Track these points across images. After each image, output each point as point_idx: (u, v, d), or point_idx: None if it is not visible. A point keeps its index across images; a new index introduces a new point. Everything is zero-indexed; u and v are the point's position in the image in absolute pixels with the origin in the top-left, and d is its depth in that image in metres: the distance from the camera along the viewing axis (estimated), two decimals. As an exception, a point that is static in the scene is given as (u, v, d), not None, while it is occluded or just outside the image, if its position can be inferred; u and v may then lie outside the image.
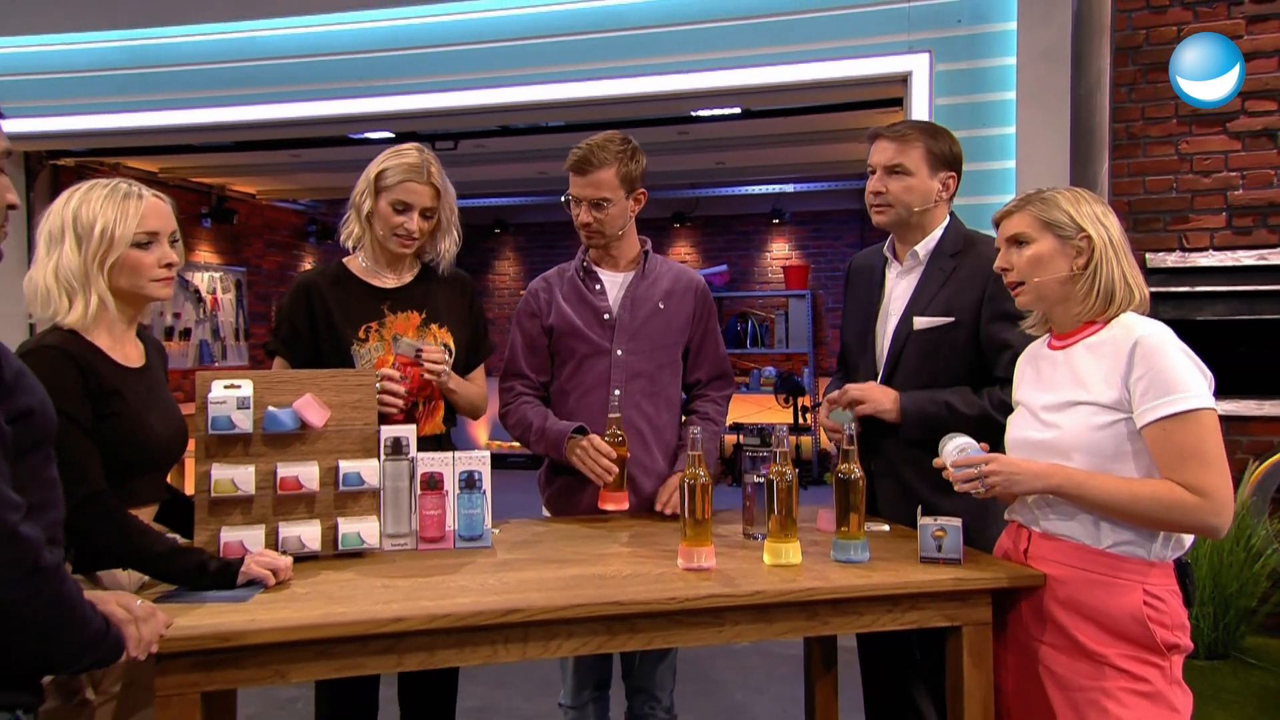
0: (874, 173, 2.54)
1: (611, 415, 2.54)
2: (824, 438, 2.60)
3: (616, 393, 2.58)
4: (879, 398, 2.44)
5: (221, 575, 1.92)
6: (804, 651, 2.73)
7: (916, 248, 2.56)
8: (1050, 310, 2.06)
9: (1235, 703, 4.08)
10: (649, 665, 2.75)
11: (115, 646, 1.49)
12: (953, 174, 2.54)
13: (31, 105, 6.50)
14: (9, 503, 1.29)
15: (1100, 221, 1.98)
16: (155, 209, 2.05)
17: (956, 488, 2.01)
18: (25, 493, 1.34)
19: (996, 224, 2.12)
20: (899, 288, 2.59)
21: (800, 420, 9.72)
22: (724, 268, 10.70)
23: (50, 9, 6.48)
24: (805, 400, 9.90)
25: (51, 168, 7.10)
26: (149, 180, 3.99)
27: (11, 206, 1.48)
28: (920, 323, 2.48)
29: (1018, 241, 2.04)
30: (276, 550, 2.13)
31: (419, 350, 2.45)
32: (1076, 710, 1.90)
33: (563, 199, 2.73)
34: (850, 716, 2.76)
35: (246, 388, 2.13)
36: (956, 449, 2.04)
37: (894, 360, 2.53)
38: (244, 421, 2.13)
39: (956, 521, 2.07)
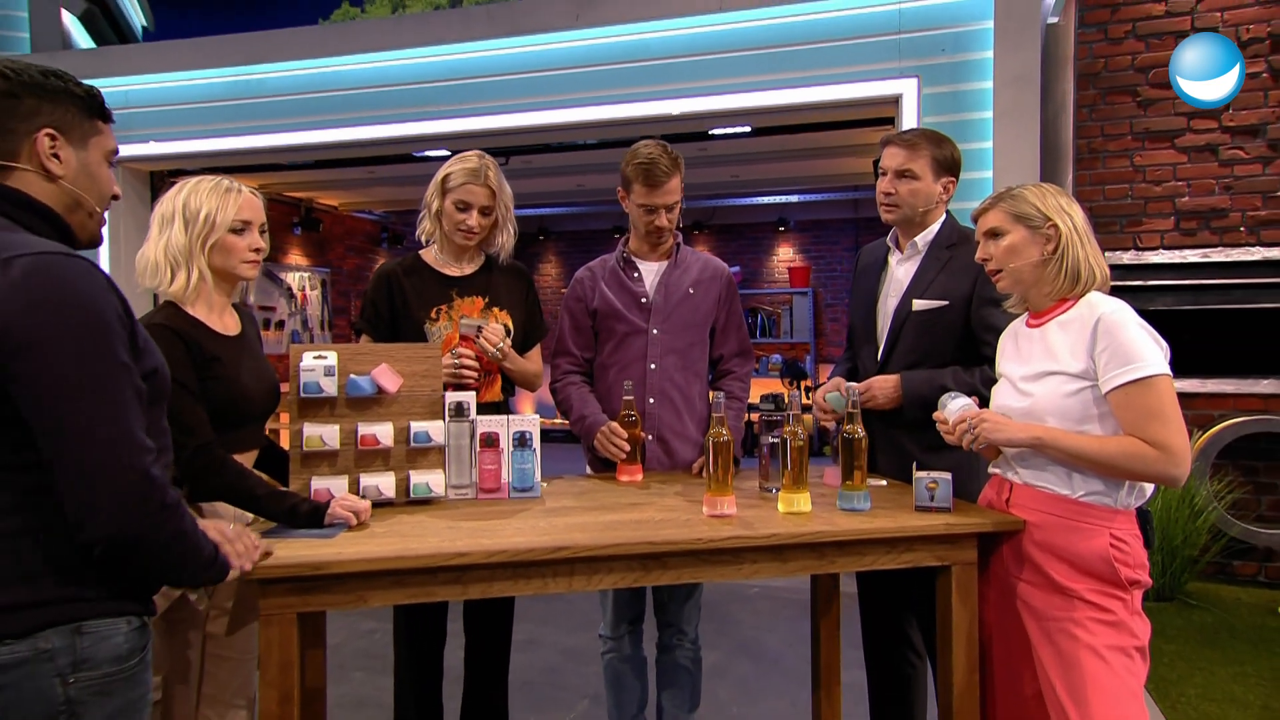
0: (885, 175, 2.51)
1: (626, 398, 2.52)
2: (820, 417, 2.57)
3: (628, 384, 2.56)
4: (884, 390, 2.41)
5: (311, 516, 1.92)
6: (810, 594, 2.70)
7: (916, 239, 2.52)
8: (1026, 292, 2.03)
9: (1179, 637, 4.13)
10: (677, 603, 2.74)
11: (222, 568, 1.50)
12: (953, 179, 2.50)
13: (156, 132, 6.67)
14: (144, 447, 1.32)
15: (1065, 211, 1.96)
16: (249, 203, 2.08)
17: (952, 441, 2.00)
18: (150, 440, 1.36)
19: (975, 220, 2.10)
20: (899, 273, 2.56)
21: (803, 400, 9.69)
22: (737, 269, 10.67)
23: (169, 53, 6.62)
24: (807, 382, 9.88)
25: (169, 185, 7.19)
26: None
27: (115, 197, 1.53)
28: (918, 305, 2.45)
29: (994, 234, 2.02)
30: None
31: (479, 328, 2.45)
32: (1049, 638, 1.88)
33: (639, 206, 2.65)
34: (848, 652, 2.73)
35: (332, 358, 2.14)
36: (959, 408, 2.02)
37: (894, 336, 2.50)
38: (330, 387, 2.13)
39: (947, 475, 2.05)
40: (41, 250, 1.31)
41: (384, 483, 2.15)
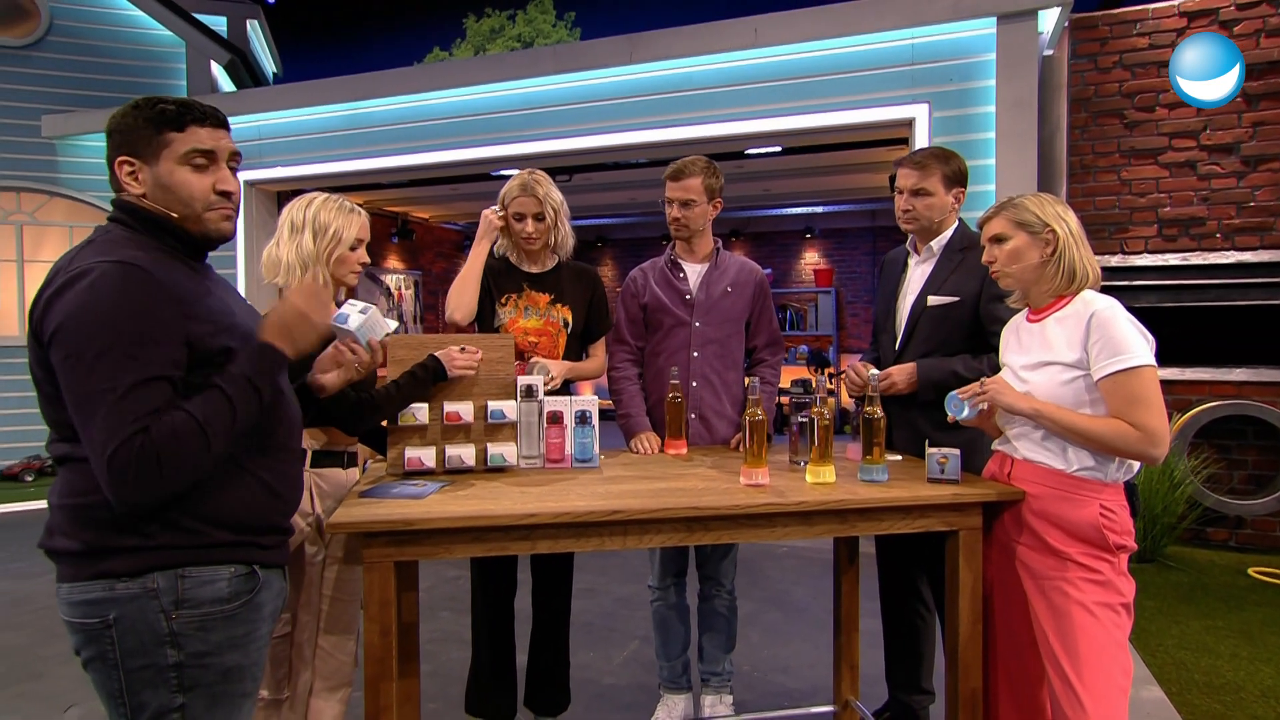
0: (901, 193, 2.44)
1: (673, 382, 2.48)
2: (844, 395, 2.51)
3: (675, 369, 2.51)
4: (903, 377, 2.35)
5: (437, 371, 2.11)
6: (833, 554, 2.64)
7: (932, 243, 2.45)
8: (1027, 290, 1.94)
9: (1159, 594, 4.06)
10: (715, 559, 2.72)
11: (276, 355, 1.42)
12: (962, 189, 2.43)
13: (283, 158, 6.83)
14: (132, 419, 1.24)
15: (1061, 218, 1.87)
16: (365, 225, 2.09)
17: (962, 399, 1.96)
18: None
19: (980, 226, 2.02)
20: (917, 273, 2.49)
21: (827, 385, 9.57)
22: (769, 270, 10.56)
23: (293, 94, 6.81)
24: (830, 369, 9.76)
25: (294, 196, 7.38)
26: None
27: (224, 194, 1.43)
28: (933, 301, 2.38)
29: (998, 239, 1.93)
30: (443, 466, 2.14)
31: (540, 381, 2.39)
32: (1045, 595, 1.82)
33: (660, 202, 2.69)
34: (865, 603, 2.67)
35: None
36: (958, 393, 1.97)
37: (910, 328, 2.43)
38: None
39: (956, 451, 1.98)
40: (96, 260, 1.28)
41: (465, 453, 2.15)
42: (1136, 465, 1.83)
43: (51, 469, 7.19)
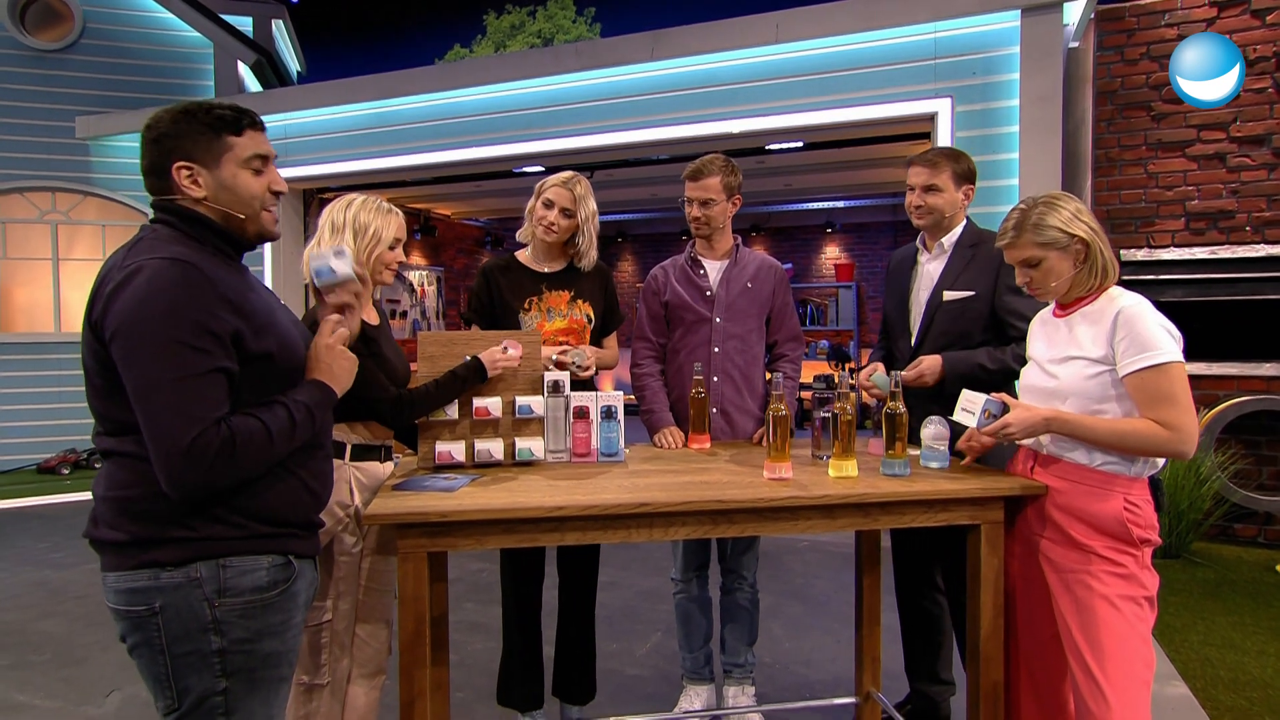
0: (913, 190, 2.49)
1: (696, 377, 2.51)
2: (865, 394, 2.53)
3: (698, 365, 2.56)
4: (931, 370, 2.37)
5: (479, 372, 2.16)
6: (855, 548, 2.66)
7: (942, 240, 2.49)
8: (1064, 295, 1.95)
9: (1184, 590, 4.05)
10: (738, 553, 2.75)
11: (328, 394, 1.56)
12: (971, 185, 2.48)
13: (308, 157, 6.90)
14: (194, 419, 1.31)
15: (1080, 219, 1.86)
16: (402, 224, 2.14)
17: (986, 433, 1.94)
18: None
19: (1003, 250, 1.97)
20: (929, 270, 2.52)
21: (849, 380, 9.56)
22: (789, 266, 10.54)
23: (317, 93, 6.88)
24: (851, 365, 9.73)
25: (319, 200, 7.47)
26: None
27: (277, 194, 1.52)
28: (948, 295, 2.42)
29: (1029, 264, 1.92)
30: (472, 460, 2.18)
31: (577, 363, 2.47)
32: (1068, 588, 1.83)
33: (680, 201, 2.72)
34: (886, 596, 2.69)
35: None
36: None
37: (926, 324, 2.46)
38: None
39: (999, 400, 1.95)
40: (149, 258, 1.33)
41: (494, 447, 2.19)
42: (1160, 460, 1.84)
43: (87, 462, 7.34)
